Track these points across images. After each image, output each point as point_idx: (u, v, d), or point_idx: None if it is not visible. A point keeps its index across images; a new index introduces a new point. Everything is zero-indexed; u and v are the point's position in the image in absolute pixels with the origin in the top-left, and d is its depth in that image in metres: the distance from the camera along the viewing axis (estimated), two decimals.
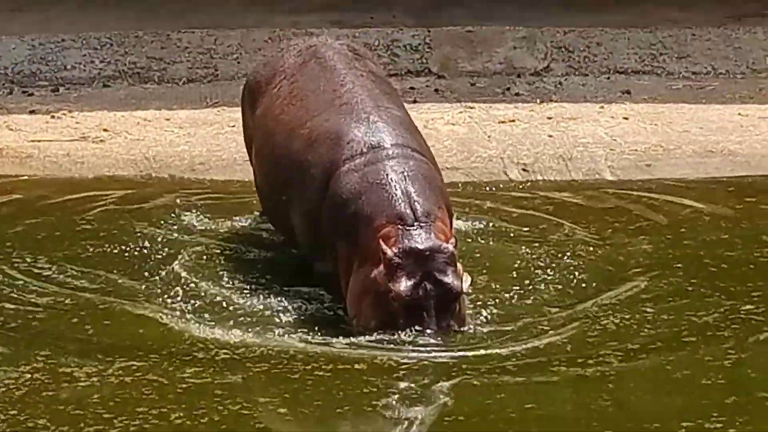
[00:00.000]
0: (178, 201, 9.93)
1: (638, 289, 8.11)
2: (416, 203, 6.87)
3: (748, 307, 7.93)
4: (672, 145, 10.83)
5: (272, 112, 7.71)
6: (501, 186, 10.19)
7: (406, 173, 7.02)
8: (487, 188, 10.34)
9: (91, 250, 8.89)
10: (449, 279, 6.62)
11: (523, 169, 10.11)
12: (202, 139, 11.01)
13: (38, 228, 9.34)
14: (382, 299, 6.66)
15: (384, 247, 6.61)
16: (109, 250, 8.91)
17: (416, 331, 6.67)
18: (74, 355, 7.54)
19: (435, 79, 12.05)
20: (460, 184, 10.39)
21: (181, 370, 6.96)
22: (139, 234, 9.17)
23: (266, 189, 7.90)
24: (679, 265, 8.50)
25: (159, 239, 9.12)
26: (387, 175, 6.99)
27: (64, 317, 8.05)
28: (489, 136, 10.90)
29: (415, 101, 11.45)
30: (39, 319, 8.02)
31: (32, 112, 11.44)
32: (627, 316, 7.61)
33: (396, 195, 6.89)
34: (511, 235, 8.80)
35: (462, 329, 6.84)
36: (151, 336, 7.79)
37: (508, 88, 11.87)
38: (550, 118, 11.31)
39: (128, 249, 8.91)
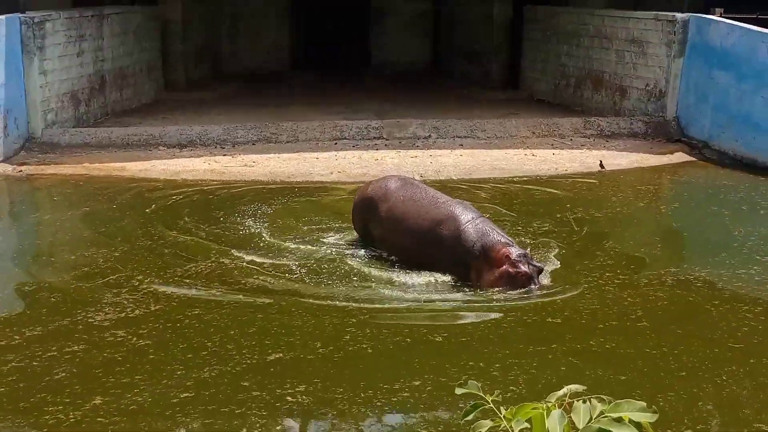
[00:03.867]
0: (284, 190, 9.59)
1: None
2: (506, 236, 6.40)
3: (535, 224, 7.77)
4: (480, 165, 10.84)
5: (397, 210, 6.77)
6: None
7: (491, 225, 6.46)
8: None
9: (247, 210, 8.52)
10: (538, 264, 6.27)
11: (421, 176, 10.10)
12: (291, 165, 10.69)
13: (229, 198, 9.05)
14: (513, 279, 6.10)
15: (509, 255, 6.10)
16: (255, 208, 8.64)
17: (531, 288, 6.13)
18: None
19: (385, 140, 12.10)
20: None
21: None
22: (266, 200, 8.93)
23: (404, 247, 6.75)
24: (492, 209, 8.44)
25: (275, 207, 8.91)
26: (487, 227, 6.38)
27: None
28: (407, 163, 10.81)
29: (377, 149, 11.65)
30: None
31: (224, 155, 11.18)
32: None
33: (496, 235, 6.31)
34: None
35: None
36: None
37: (414, 144, 12.00)
38: (431, 156, 11.27)
39: (261, 206, 8.70)
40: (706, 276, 6.78)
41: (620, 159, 11.42)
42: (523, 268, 6.13)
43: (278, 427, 4.36)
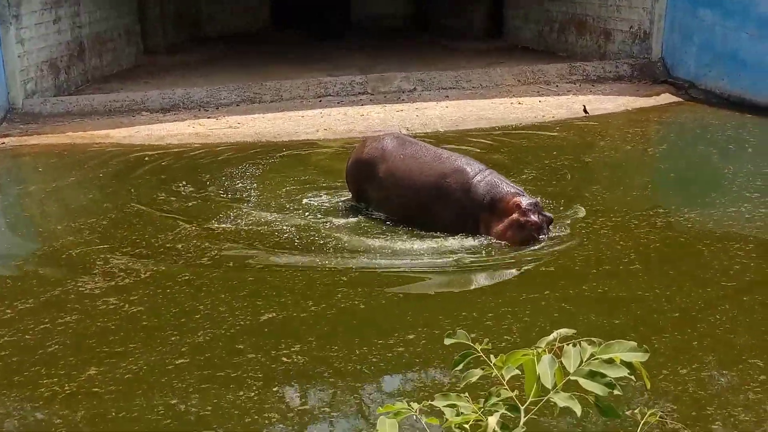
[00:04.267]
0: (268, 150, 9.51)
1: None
2: (516, 186, 6.29)
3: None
4: (466, 116, 10.77)
5: (398, 169, 6.59)
6: None
7: (501, 177, 6.37)
8: None
9: (231, 171, 8.47)
10: (548, 214, 6.15)
11: (407, 129, 10.07)
12: (277, 125, 10.54)
13: (215, 161, 8.94)
14: (522, 228, 5.99)
15: (520, 204, 6.01)
16: (241, 169, 8.60)
17: (541, 238, 6.05)
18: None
19: (370, 96, 12.06)
20: None
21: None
22: (252, 161, 8.87)
23: (408, 206, 6.54)
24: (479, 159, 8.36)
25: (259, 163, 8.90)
26: (496, 179, 6.28)
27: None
28: (393, 117, 10.75)
29: (362, 105, 11.57)
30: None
31: (208, 117, 11.05)
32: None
33: (506, 186, 6.22)
34: None
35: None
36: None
37: (400, 97, 11.93)
38: (417, 109, 11.22)
39: (247, 168, 8.68)
40: (697, 216, 6.77)
41: (607, 103, 11.35)
42: (533, 217, 6.03)
43: (275, 389, 4.32)
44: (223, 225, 6.80)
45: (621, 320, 4.95)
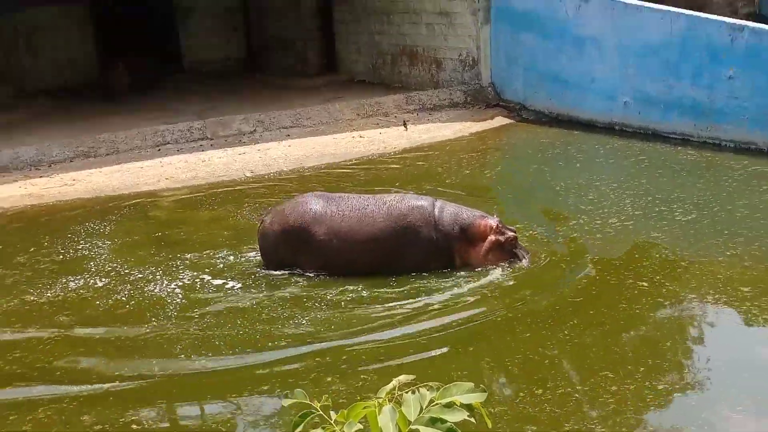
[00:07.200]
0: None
1: None
2: (473, 210, 6.28)
3: None
4: (309, 154, 10.65)
5: (344, 226, 6.16)
6: (242, 180, 9.64)
7: (455, 204, 6.34)
8: (239, 178, 10.09)
9: (79, 231, 8.07)
10: (512, 227, 6.22)
11: (251, 172, 9.89)
12: (116, 179, 10.05)
13: (51, 216, 8.68)
14: (502, 247, 6.07)
15: (493, 225, 6.05)
16: (86, 230, 8.23)
17: (521, 252, 6.19)
18: None
19: (210, 141, 11.64)
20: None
21: None
22: (92, 219, 8.44)
23: (367, 258, 6.14)
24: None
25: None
26: (454, 207, 6.23)
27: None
28: (235, 161, 10.46)
29: (203, 150, 11.29)
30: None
31: (41, 177, 10.34)
32: None
33: (467, 211, 6.20)
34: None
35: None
36: None
37: (240, 140, 11.59)
38: (259, 150, 10.98)
39: (98, 228, 8.41)
40: (543, 232, 6.96)
41: (444, 130, 11.56)
42: (509, 233, 6.15)
43: None
44: (47, 296, 6.32)
45: (475, 347, 4.96)
